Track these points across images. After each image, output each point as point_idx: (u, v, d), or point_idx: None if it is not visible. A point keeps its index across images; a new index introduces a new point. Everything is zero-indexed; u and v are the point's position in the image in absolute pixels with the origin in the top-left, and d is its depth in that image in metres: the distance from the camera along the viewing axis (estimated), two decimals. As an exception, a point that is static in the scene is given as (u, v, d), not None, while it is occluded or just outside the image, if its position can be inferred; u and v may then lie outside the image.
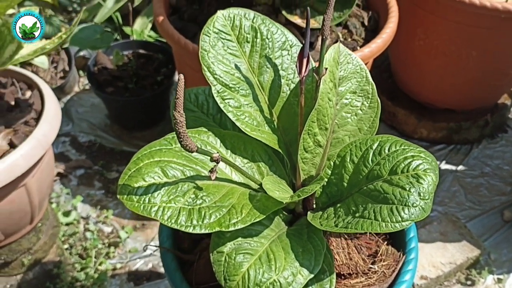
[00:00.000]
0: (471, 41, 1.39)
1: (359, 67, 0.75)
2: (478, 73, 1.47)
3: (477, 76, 1.48)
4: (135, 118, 1.67)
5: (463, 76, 1.50)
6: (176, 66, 1.34)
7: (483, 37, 1.37)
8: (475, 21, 1.34)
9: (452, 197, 1.51)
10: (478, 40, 1.38)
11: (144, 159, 0.65)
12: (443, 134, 1.64)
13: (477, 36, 1.38)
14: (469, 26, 1.36)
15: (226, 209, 0.63)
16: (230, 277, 0.62)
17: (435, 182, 0.61)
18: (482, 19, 1.32)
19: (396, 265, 0.76)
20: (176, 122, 0.53)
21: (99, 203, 1.51)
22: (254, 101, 0.73)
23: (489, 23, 1.33)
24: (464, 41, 1.40)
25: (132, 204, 0.61)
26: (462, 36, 1.40)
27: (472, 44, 1.40)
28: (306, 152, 0.72)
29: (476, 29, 1.36)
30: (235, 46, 0.73)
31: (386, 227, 0.58)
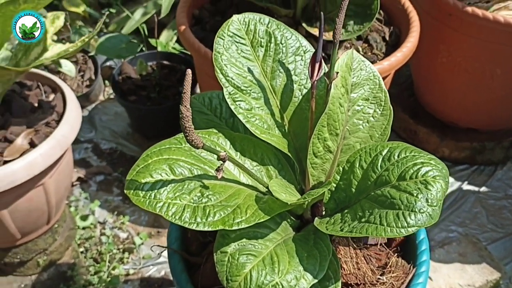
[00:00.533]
0: (495, 58, 1.37)
1: (372, 74, 0.74)
2: (502, 91, 1.44)
3: (501, 95, 1.46)
4: (156, 127, 1.69)
5: (487, 95, 1.47)
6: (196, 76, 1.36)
7: (508, 54, 1.35)
8: (499, 38, 1.32)
9: (474, 219, 1.47)
10: (503, 57, 1.36)
11: (153, 156, 0.65)
12: (466, 154, 1.61)
13: (501, 54, 1.36)
14: (493, 43, 1.34)
15: (231, 208, 0.63)
16: (232, 277, 0.62)
17: (444, 189, 0.60)
18: (507, 37, 1.31)
19: (405, 277, 0.74)
20: (182, 117, 0.54)
21: (116, 209, 1.52)
22: (265, 105, 0.73)
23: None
24: (488, 58, 1.38)
25: (138, 199, 0.61)
26: (486, 53, 1.38)
27: (496, 61, 1.38)
28: (315, 157, 0.72)
29: (500, 47, 1.34)
30: (249, 50, 0.74)
31: (392, 232, 0.57)
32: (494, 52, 1.37)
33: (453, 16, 1.36)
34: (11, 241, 1.12)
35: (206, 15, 1.33)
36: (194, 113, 0.80)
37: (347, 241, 0.76)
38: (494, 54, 1.37)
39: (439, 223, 1.45)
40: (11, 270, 1.22)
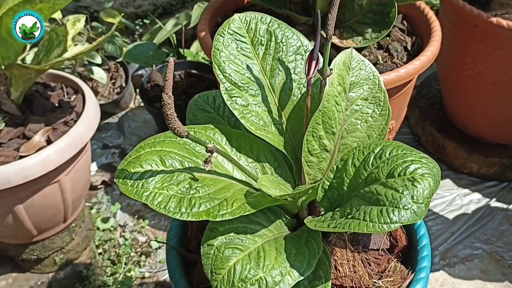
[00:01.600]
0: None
1: (372, 74, 0.73)
2: (532, 106, 1.39)
3: (531, 109, 1.41)
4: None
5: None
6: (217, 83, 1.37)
7: (537, 67, 1.31)
8: (527, 50, 1.28)
9: (500, 236, 1.41)
10: (531, 70, 1.32)
11: (145, 148, 0.66)
12: (495, 170, 1.55)
13: (529, 66, 1.31)
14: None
15: (218, 201, 0.63)
16: (216, 270, 0.62)
17: (432, 188, 0.58)
18: (535, 48, 1.26)
19: (402, 282, 0.72)
20: (164, 104, 0.55)
21: (137, 213, 1.55)
22: (263, 102, 0.73)
23: (542, 52, 1.27)
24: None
25: (126, 188, 0.62)
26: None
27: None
28: (311, 155, 0.71)
29: (528, 59, 1.30)
30: (249, 48, 0.75)
31: (373, 227, 0.56)
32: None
33: (478, 27, 1.33)
34: (27, 237, 1.16)
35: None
36: (197, 111, 0.81)
37: (344, 243, 0.75)
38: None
39: (464, 240, 1.40)
40: (28, 267, 1.25)
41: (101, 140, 1.80)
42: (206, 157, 0.62)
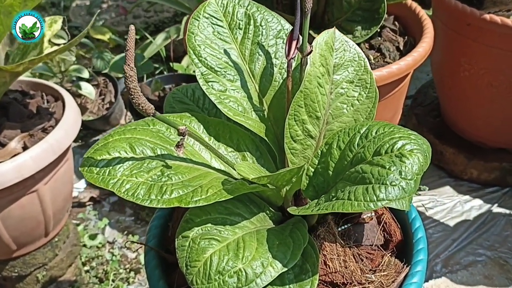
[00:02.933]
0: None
1: (357, 56, 0.69)
2: (531, 105, 1.35)
3: (529, 109, 1.36)
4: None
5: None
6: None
7: (533, 64, 1.27)
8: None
9: (504, 242, 1.35)
10: (528, 67, 1.28)
11: (114, 136, 0.62)
12: (496, 176, 1.50)
13: (526, 64, 1.27)
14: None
15: (192, 188, 0.58)
16: (192, 262, 0.56)
17: (422, 164, 0.53)
18: (530, 44, 1.23)
19: (397, 276, 0.67)
20: (126, 77, 0.50)
21: (127, 229, 1.49)
22: (242, 88, 0.69)
23: (538, 48, 1.23)
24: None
25: (92, 176, 0.57)
26: (509, 64, 1.30)
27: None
28: (294, 142, 0.66)
29: (524, 56, 1.26)
30: (227, 32, 0.71)
31: (359, 206, 0.51)
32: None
33: (471, 26, 1.30)
34: (6, 252, 1.10)
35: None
36: (174, 103, 0.77)
37: (333, 238, 0.70)
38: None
39: (466, 246, 1.34)
40: (10, 285, 1.19)
41: (90, 157, 1.75)
42: (178, 141, 0.58)
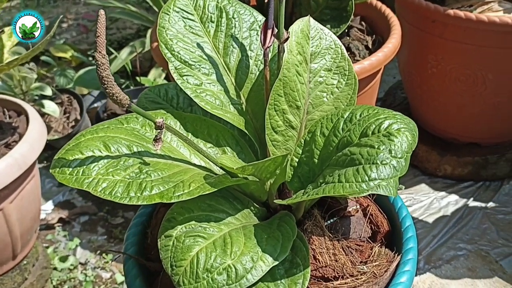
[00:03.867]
0: (485, 62, 1.31)
1: (333, 43, 0.68)
2: (497, 98, 1.36)
3: (496, 102, 1.38)
4: (142, 163, 1.62)
5: (482, 103, 1.40)
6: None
7: (497, 57, 1.29)
8: (485, 40, 1.26)
9: (483, 235, 1.36)
10: (492, 61, 1.30)
11: (86, 135, 0.59)
12: (470, 170, 1.51)
13: (490, 57, 1.29)
14: (480, 47, 1.29)
15: (174, 183, 0.55)
16: (177, 262, 0.53)
17: (410, 142, 0.52)
18: (493, 37, 1.25)
19: (389, 265, 0.65)
20: (98, 65, 0.47)
21: (99, 248, 1.43)
22: (218, 81, 0.67)
23: (501, 40, 1.25)
24: (478, 63, 1.32)
25: (64, 177, 0.54)
26: (475, 58, 1.31)
27: (486, 66, 1.31)
28: (275, 133, 0.64)
29: (488, 49, 1.28)
30: (198, 26, 0.69)
31: (351, 187, 0.49)
32: (483, 56, 1.30)
33: (436, 23, 1.32)
34: (-27, 276, 1.04)
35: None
36: (147, 103, 0.74)
37: (321, 231, 0.67)
38: (483, 58, 1.31)
39: (447, 241, 1.34)
40: (-22, 313, 1.12)
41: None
42: (156, 135, 0.55)
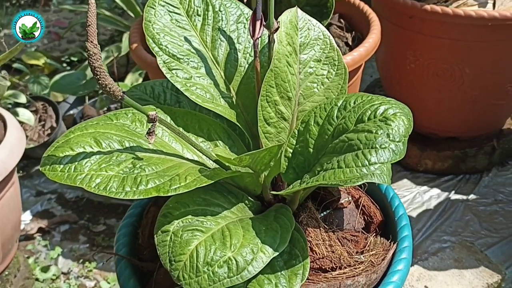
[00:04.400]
0: (462, 56, 1.33)
1: (321, 34, 0.68)
2: (474, 92, 1.39)
3: (473, 96, 1.40)
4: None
5: (460, 98, 1.42)
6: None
7: (474, 51, 1.31)
8: (462, 34, 1.29)
9: (466, 226, 1.37)
10: (469, 54, 1.32)
11: (76, 132, 0.57)
12: (450, 164, 1.53)
13: (467, 51, 1.32)
14: (457, 41, 1.31)
15: (169, 177, 0.54)
16: (176, 257, 0.52)
17: (407, 126, 0.52)
18: (470, 31, 1.27)
19: (385, 254, 0.64)
20: (90, 55, 0.46)
21: (82, 257, 1.40)
22: (207, 75, 0.66)
23: (477, 34, 1.28)
24: (455, 57, 1.34)
25: (55, 174, 0.52)
26: (452, 52, 1.34)
27: (463, 60, 1.33)
28: (268, 125, 0.64)
29: (465, 43, 1.31)
30: (185, 19, 0.68)
31: (351, 172, 0.49)
32: (460, 50, 1.33)
33: (413, 18, 1.33)
34: (-48, 289, 1.00)
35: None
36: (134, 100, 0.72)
37: (316, 223, 0.67)
38: (460, 52, 1.33)
39: (431, 234, 1.35)
40: (-42, 327, 1.08)
41: (33, 187, 1.65)
42: (149, 128, 0.53)
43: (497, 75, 1.36)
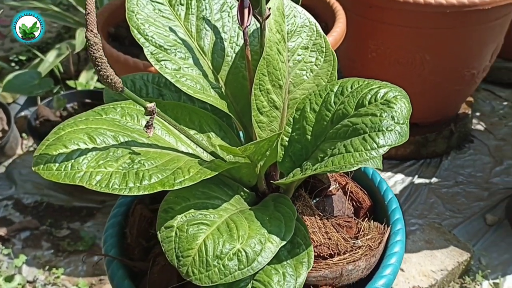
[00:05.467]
0: (422, 44, 1.37)
1: (307, 21, 0.68)
2: (435, 78, 1.43)
3: (434, 82, 1.45)
4: (84, 170, 1.54)
5: (421, 84, 1.46)
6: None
7: (433, 37, 1.35)
8: (422, 21, 1.32)
9: (431, 209, 1.42)
10: (429, 41, 1.36)
11: (66, 128, 0.54)
12: (411, 149, 1.58)
13: (427, 38, 1.35)
14: (417, 28, 1.34)
15: (171, 171, 0.52)
16: (183, 252, 0.50)
17: (407, 108, 0.53)
18: (429, 19, 1.31)
19: (381, 237, 0.65)
20: (90, 44, 0.44)
21: (48, 264, 1.34)
22: (195, 65, 0.64)
23: (436, 21, 1.31)
24: (416, 45, 1.38)
25: (51, 173, 0.49)
26: (412, 40, 1.37)
27: (423, 47, 1.37)
28: (261, 115, 0.63)
29: (425, 30, 1.34)
30: (168, 9, 0.65)
31: (361, 156, 0.49)
32: (420, 38, 1.36)
33: (374, 8, 1.36)
34: None
35: (123, 32, 1.24)
36: (116, 95, 0.70)
37: (311, 211, 0.67)
38: (420, 40, 1.37)
39: (399, 219, 1.38)
40: None
41: (-13, 194, 1.56)
42: (147, 121, 0.51)
43: (456, 61, 1.41)
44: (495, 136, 1.71)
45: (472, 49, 1.40)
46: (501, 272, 1.24)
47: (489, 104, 1.85)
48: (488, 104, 1.85)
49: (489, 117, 1.80)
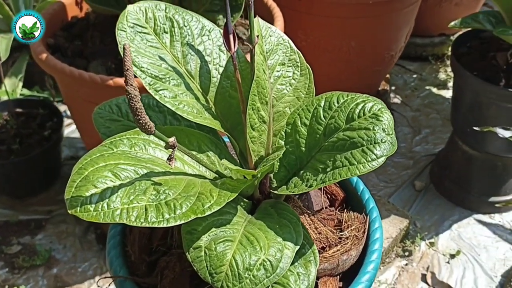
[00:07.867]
0: (348, 32, 1.48)
1: (281, 39, 0.74)
2: (360, 61, 1.56)
3: (359, 65, 1.57)
4: (25, 182, 1.51)
5: (348, 69, 1.58)
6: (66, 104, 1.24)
7: (358, 26, 1.47)
8: (347, 12, 1.43)
9: (367, 181, 1.56)
10: (354, 30, 1.47)
11: (88, 168, 0.57)
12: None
13: (352, 27, 1.47)
14: (343, 18, 1.45)
15: (194, 197, 0.57)
16: (216, 269, 0.56)
17: (391, 119, 0.61)
18: (354, 9, 1.42)
19: (363, 226, 0.75)
20: (131, 97, 0.47)
21: (5, 283, 1.32)
22: (187, 90, 0.68)
23: (361, 11, 1.43)
24: (342, 34, 1.49)
25: (90, 214, 0.52)
26: (339, 29, 1.48)
27: (349, 35, 1.49)
28: (253, 130, 0.69)
29: (350, 20, 1.45)
30: (154, 38, 0.69)
31: (364, 167, 0.57)
32: (346, 27, 1.47)
33: (302, 1, 1.44)
34: None
35: (63, 42, 1.22)
36: (107, 122, 0.73)
37: (301, 210, 0.75)
38: (346, 28, 1.48)
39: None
40: None
41: None
42: (170, 154, 0.56)
43: (378, 46, 1.54)
44: (411, 107, 1.88)
45: (391, 33, 1.54)
46: (434, 232, 1.41)
47: (401, 78, 2.03)
48: (401, 78, 2.03)
49: (403, 90, 1.98)
